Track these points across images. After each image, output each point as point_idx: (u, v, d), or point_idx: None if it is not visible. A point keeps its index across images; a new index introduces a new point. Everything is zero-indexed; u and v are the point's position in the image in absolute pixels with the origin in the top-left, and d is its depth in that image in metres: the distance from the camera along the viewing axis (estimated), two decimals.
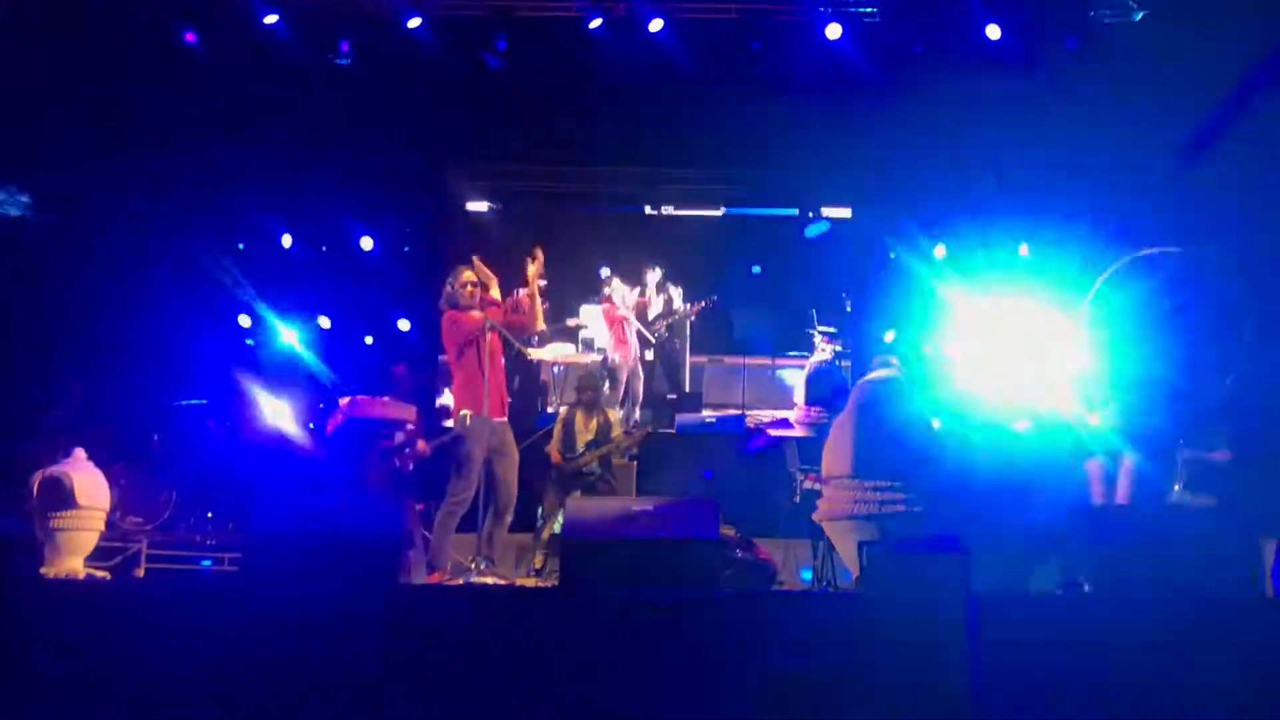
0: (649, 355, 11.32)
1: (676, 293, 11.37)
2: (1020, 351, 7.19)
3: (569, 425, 8.77)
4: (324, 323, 10.72)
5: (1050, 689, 4.31)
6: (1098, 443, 6.93)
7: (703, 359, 11.53)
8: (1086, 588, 4.93)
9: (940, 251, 10.82)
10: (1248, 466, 6.98)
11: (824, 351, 11.19)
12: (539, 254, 6.81)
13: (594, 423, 8.74)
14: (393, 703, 4.36)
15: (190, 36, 9.49)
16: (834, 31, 9.61)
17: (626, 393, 10.70)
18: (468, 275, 6.72)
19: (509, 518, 6.63)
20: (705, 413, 11.10)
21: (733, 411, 11.12)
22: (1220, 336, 6.26)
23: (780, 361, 11.60)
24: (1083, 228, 10.25)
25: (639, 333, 11.14)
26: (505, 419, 6.74)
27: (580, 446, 8.65)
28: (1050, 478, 7.70)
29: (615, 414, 9.16)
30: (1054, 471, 7.56)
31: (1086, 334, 6.63)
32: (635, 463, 8.93)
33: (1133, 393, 6.36)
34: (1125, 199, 9.84)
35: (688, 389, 11.40)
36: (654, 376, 11.34)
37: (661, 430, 9.67)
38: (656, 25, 9.66)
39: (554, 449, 8.69)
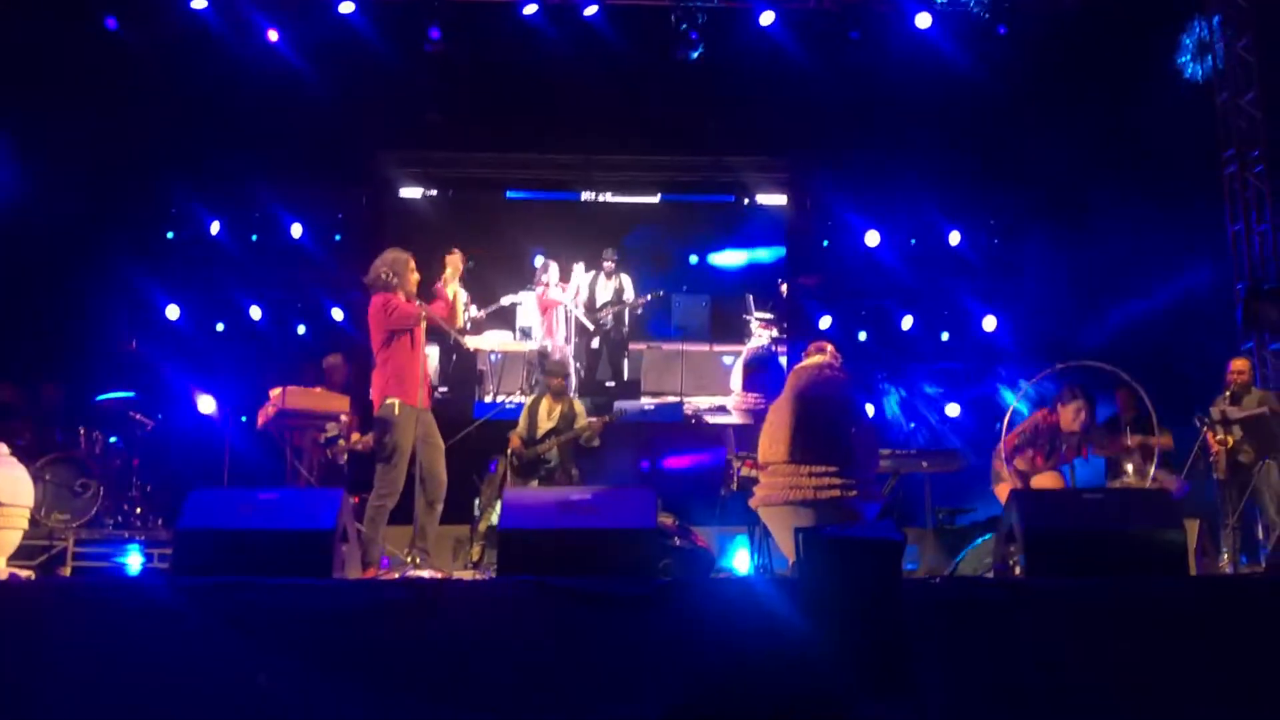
0: (595, 344, 11.29)
1: (628, 281, 11.34)
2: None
3: (533, 412, 8.73)
4: (255, 313, 10.56)
5: (985, 670, 4.37)
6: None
7: (641, 345, 11.53)
8: (1018, 569, 5.00)
9: (874, 238, 10.94)
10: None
11: (760, 338, 11.27)
12: (457, 253, 6.66)
13: (558, 410, 8.71)
14: (328, 698, 4.31)
15: (111, 22, 9.25)
16: (768, 18, 9.65)
17: None
18: (413, 264, 6.60)
19: (439, 508, 6.54)
20: (644, 400, 11.11)
21: (671, 398, 11.15)
22: None
23: (718, 348, 11.64)
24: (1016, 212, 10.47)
25: (578, 320, 11.11)
26: (429, 408, 6.64)
27: (541, 434, 8.62)
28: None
29: (580, 404, 9.11)
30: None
31: None
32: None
33: None
34: (1056, 185, 10.05)
35: (626, 377, 11.39)
36: (599, 364, 11.31)
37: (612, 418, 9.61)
38: (591, 10, 9.64)
39: (516, 435, 8.65)
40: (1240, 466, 7.65)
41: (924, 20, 9.63)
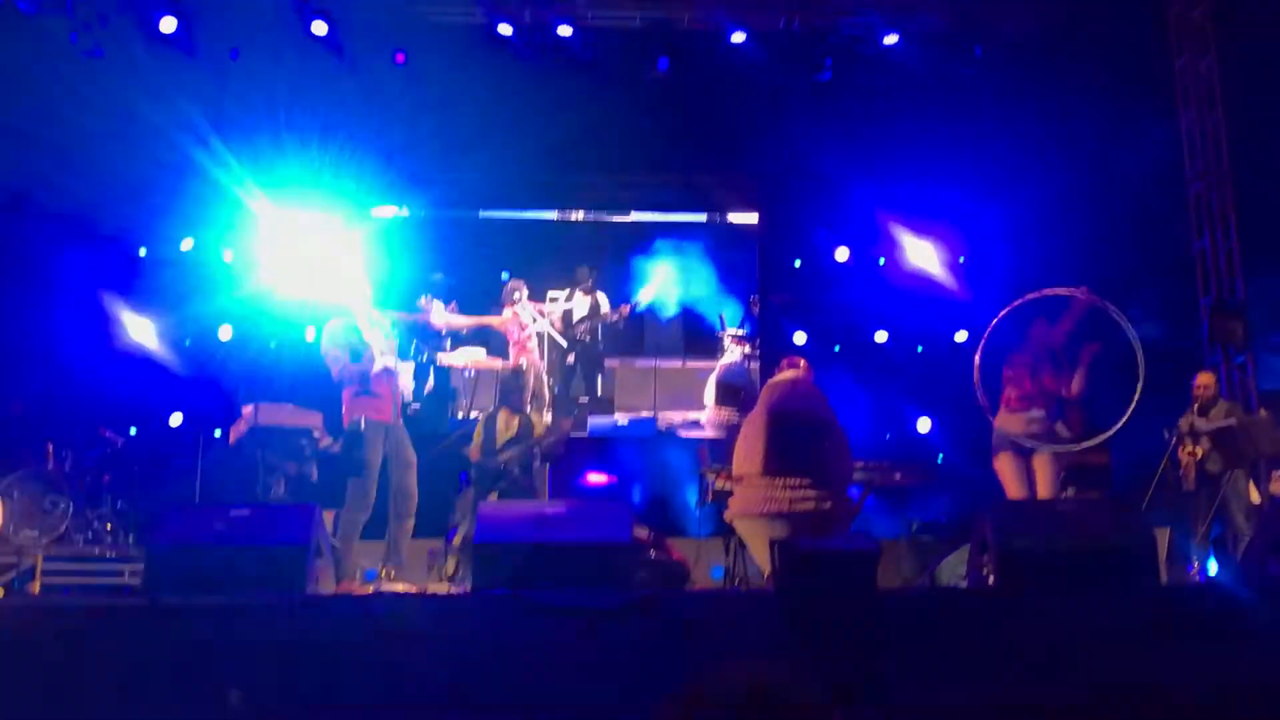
0: (570, 359, 11.27)
1: (603, 297, 11.35)
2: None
3: (490, 425, 8.69)
4: (224, 333, 10.45)
5: (960, 679, 4.39)
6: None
7: (614, 362, 11.54)
8: (991, 580, 5.04)
9: (843, 254, 11.02)
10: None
11: (733, 353, 11.31)
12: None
13: (516, 422, 8.68)
14: (302, 714, 4.28)
15: (74, 37, 9.21)
16: (739, 37, 9.75)
17: (533, 397, 10.60)
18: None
19: (410, 522, 6.58)
20: (617, 416, 11.11)
21: (645, 414, 11.15)
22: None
23: (691, 364, 11.67)
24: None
25: (550, 337, 11.10)
26: (400, 422, 6.69)
27: (500, 444, 8.58)
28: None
29: (538, 418, 9.10)
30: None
31: None
32: (547, 466, 8.85)
33: None
34: (1022, 202, 10.16)
35: (599, 392, 11.39)
36: (574, 379, 11.29)
37: (574, 434, 9.62)
38: (565, 31, 9.69)
39: (474, 448, 8.61)
40: (1208, 477, 7.74)
41: (891, 39, 9.76)
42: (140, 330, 9.36)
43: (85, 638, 4.39)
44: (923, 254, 10.55)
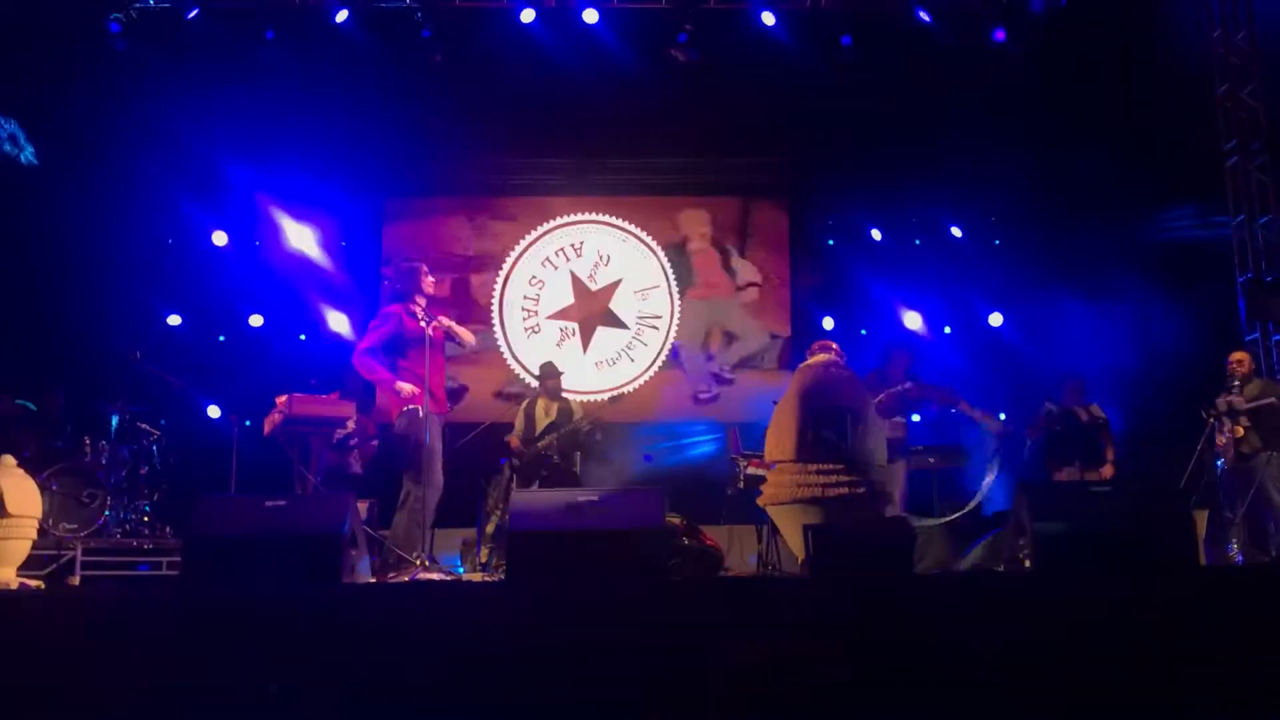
0: None
1: None
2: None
3: (530, 413, 8.73)
4: (255, 321, 10.53)
5: (995, 665, 4.36)
6: None
7: None
8: (1027, 564, 5.00)
9: (877, 237, 10.96)
10: None
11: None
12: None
13: (555, 408, 8.72)
14: (339, 704, 4.30)
15: (114, 26, 9.30)
16: (769, 19, 9.69)
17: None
18: (424, 269, 6.83)
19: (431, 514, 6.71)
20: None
21: None
22: None
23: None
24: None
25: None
26: (443, 413, 6.78)
27: (540, 431, 8.61)
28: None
29: (576, 403, 9.12)
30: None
31: None
32: (577, 454, 8.85)
33: None
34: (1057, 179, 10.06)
35: None
36: None
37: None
38: (592, 17, 9.67)
39: (514, 437, 8.64)
40: (1243, 457, 7.65)
41: (924, 16, 9.68)
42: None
43: (123, 630, 4.43)
44: None
